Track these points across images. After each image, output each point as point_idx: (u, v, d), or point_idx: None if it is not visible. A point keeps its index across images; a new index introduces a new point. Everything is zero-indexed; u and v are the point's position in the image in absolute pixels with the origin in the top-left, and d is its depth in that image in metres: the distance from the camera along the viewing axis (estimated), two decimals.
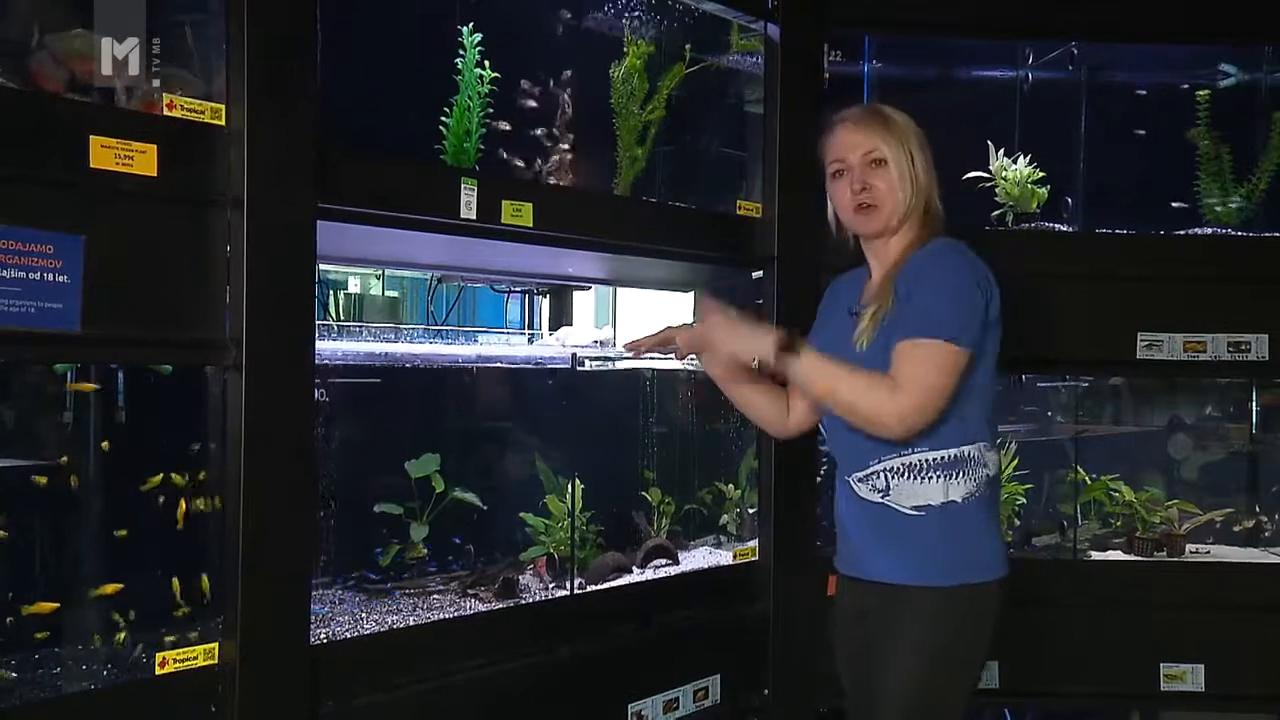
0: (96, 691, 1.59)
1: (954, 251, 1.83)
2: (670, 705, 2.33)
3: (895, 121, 1.88)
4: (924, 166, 1.88)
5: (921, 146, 1.88)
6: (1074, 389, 2.90)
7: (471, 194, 2.00)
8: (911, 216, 1.88)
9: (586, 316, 3.30)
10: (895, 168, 1.86)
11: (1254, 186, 2.65)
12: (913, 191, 1.86)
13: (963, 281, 1.77)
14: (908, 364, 1.72)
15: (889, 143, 1.86)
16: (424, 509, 2.19)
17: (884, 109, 1.92)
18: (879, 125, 1.88)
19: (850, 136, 1.90)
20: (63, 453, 1.72)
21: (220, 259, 1.67)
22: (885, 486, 1.83)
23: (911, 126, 1.89)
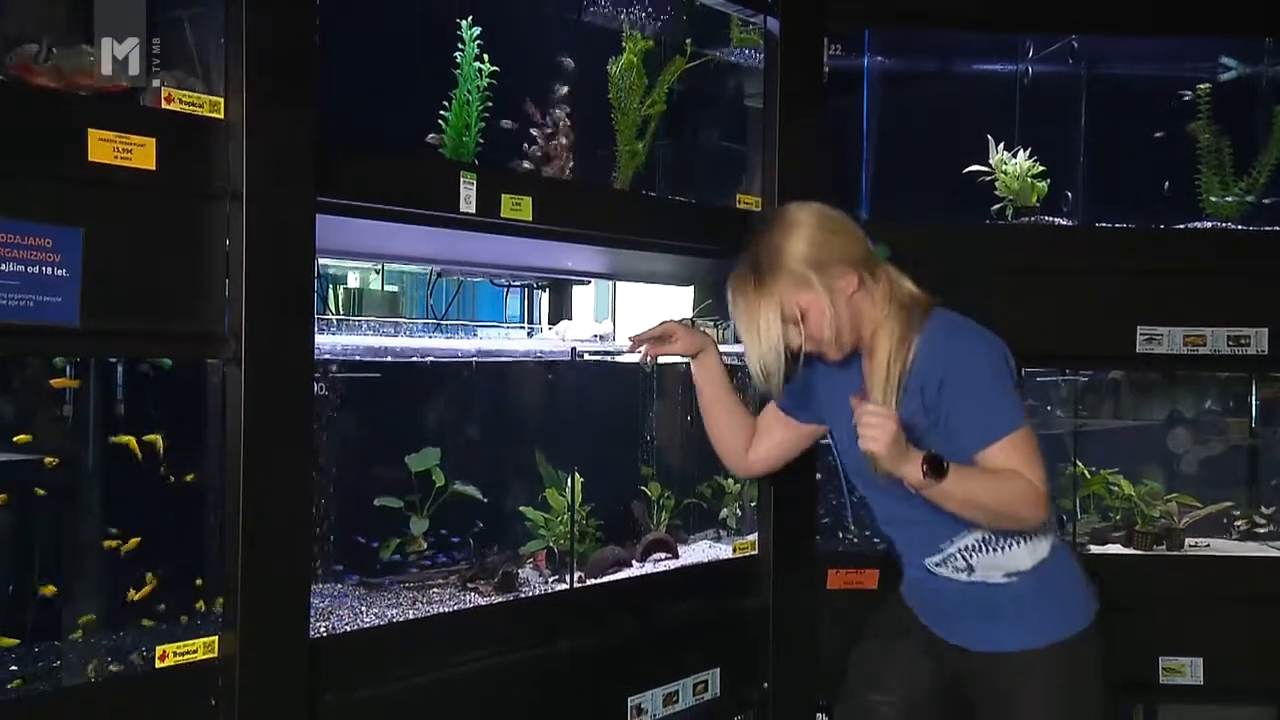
0: (96, 684, 1.59)
1: (963, 333, 1.81)
2: (670, 698, 2.33)
3: (777, 279, 1.77)
4: (827, 293, 1.76)
5: (816, 273, 1.76)
6: (1073, 383, 2.89)
7: (471, 188, 2.00)
8: (862, 320, 1.81)
9: (586, 311, 3.30)
10: (810, 320, 1.78)
11: (1254, 180, 2.65)
12: (840, 322, 1.79)
13: (990, 365, 1.77)
14: (1015, 460, 1.71)
15: (787, 303, 1.77)
16: (424, 503, 2.19)
17: (759, 261, 1.79)
18: (767, 295, 1.78)
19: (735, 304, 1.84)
20: (60, 447, 1.72)
21: (219, 252, 1.67)
22: (967, 565, 1.82)
23: (794, 264, 1.77)
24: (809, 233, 1.79)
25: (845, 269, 1.79)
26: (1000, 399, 1.74)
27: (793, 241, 1.79)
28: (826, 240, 1.80)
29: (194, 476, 1.72)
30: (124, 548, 1.68)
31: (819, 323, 1.79)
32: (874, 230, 2.64)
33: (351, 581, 2.10)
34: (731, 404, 2.13)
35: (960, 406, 1.74)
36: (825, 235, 1.80)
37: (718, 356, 2.14)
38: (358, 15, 2.01)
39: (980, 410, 1.74)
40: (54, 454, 1.68)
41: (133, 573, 1.70)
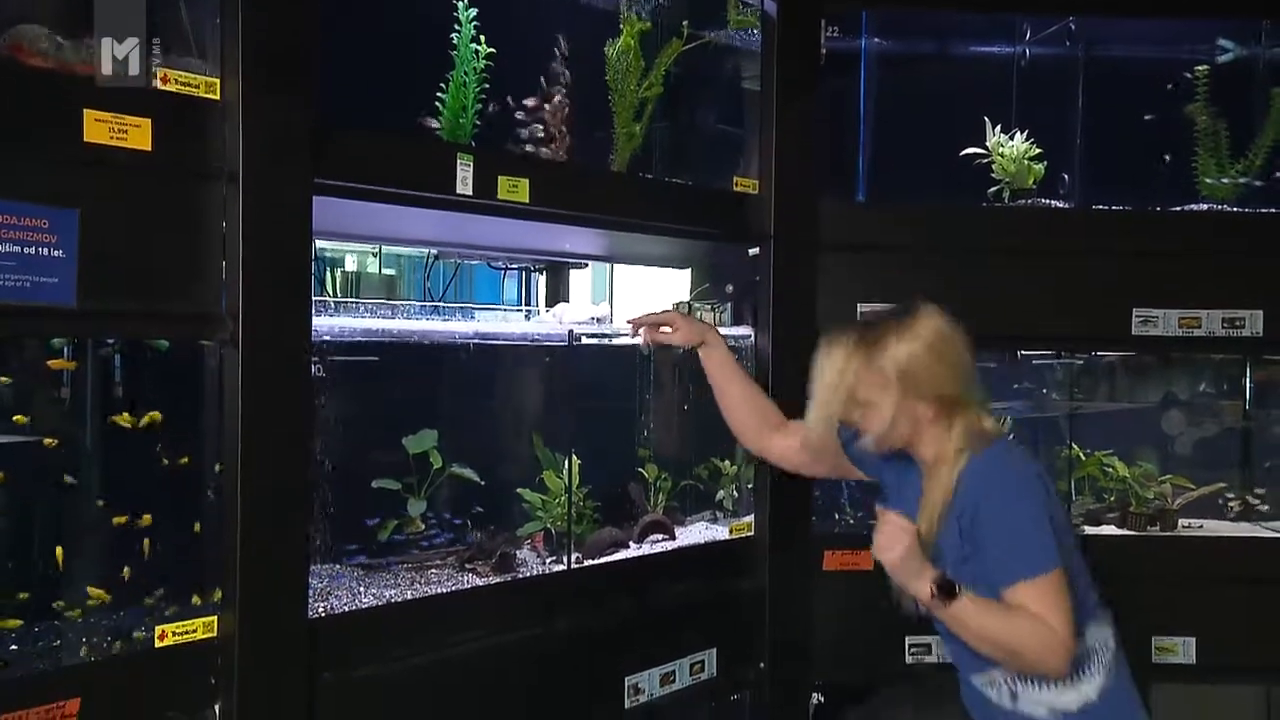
0: (96, 663, 1.60)
1: (1009, 469, 1.77)
2: (667, 678, 2.34)
3: (867, 365, 1.77)
4: (895, 408, 1.75)
5: (901, 387, 1.75)
6: (1069, 366, 2.90)
7: (467, 169, 2.00)
8: (917, 441, 1.81)
9: (583, 294, 3.30)
10: (879, 419, 1.77)
11: (1250, 162, 2.66)
12: (892, 434, 1.79)
13: (1027, 506, 1.73)
14: (1037, 604, 1.67)
15: (845, 380, 1.77)
16: (422, 484, 2.20)
17: (868, 339, 1.78)
18: (841, 357, 1.79)
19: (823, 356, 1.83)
20: (58, 428, 1.72)
21: (216, 233, 1.67)
22: (1012, 693, 1.79)
23: (889, 366, 1.75)
24: (918, 348, 1.77)
25: (931, 400, 1.78)
26: (1029, 539, 1.71)
27: (900, 345, 1.77)
28: (930, 365, 1.77)
29: (191, 457, 1.73)
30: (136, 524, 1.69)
31: (875, 423, 1.79)
32: (872, 212, 2.69)
33: (350, 562, 2.11)
34: (744, 387, 2.13)
35: (990, 542, 1.72)
36: (931, 359, 1.77)
37: (722, 343, 2.14)
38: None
39: (1008, 548, 1.71)
40: (52, 435, 1.68)
41: (132, 553, 1.71)
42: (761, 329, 2.54)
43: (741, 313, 2.64)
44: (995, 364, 2.95)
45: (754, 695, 2.54)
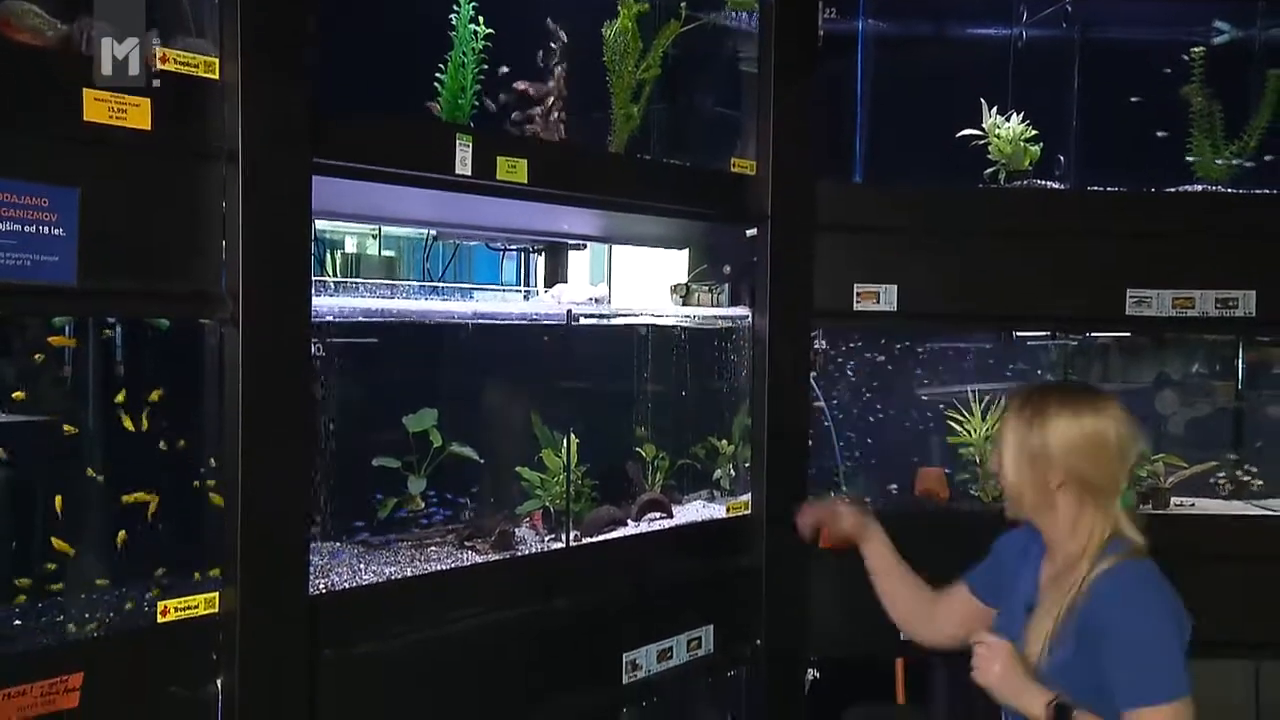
0: (99, 639, 1.62)
1: (1149, 589, 1.75)
2: (664, 655, 2.37)
3: (1024, 425, 1.81)
4: (1037, 483, 1.80)
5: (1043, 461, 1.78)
6: (1063, 347, 2.92)
7: (466, 150, 2.00)
8: (1050, 528, 1.83)
9: (582, 275, 3.31)
10: (1006, 465, 1.83)
11: (1245, 143, 2.66)
12: (1024, 503, 1.83)
13: (1167, 629, 1.71)
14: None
15: (1003, 437, 1.84)
16: (422, 463, 2.21)
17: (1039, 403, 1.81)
18: (1009, 415, 1.85)
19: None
20: (60, 406, 1.74)
21: (215, 213, 1.68)
22: None
23: (1044, 437, 1.78)
24: (1079, 436, 1.78)
25: (1063, 473, 1.79)
26: (1159, 664, 1.69)
27: (1065, 426, 1.79)
28: (1086, 456, 1.78)
29: (193, 435, 1.74)
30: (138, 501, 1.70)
31: (1010, 482, 1.85)
32: (869, 194, 2.70)
33: (350, 540, 2.13)
34: (901, 577, 2.16)
35: (1120, 658, 1.71)
36: (1090, 451, 1.78)
37: (881, 534, 2.19)
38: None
39: (1139, 668, 1.70)
40: (54, 414, 1.70)
41: (134, 530, 1.73)
42: (759, 310, 2.55)
43: (739, 294, 2.66)
44: (990, 344, 2.97)
45: (750, 671, 2.57)
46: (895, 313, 2.57)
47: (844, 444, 2.84)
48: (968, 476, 2.79)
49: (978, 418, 2.75)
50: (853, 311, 2.56)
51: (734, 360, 2.64)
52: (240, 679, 1.69)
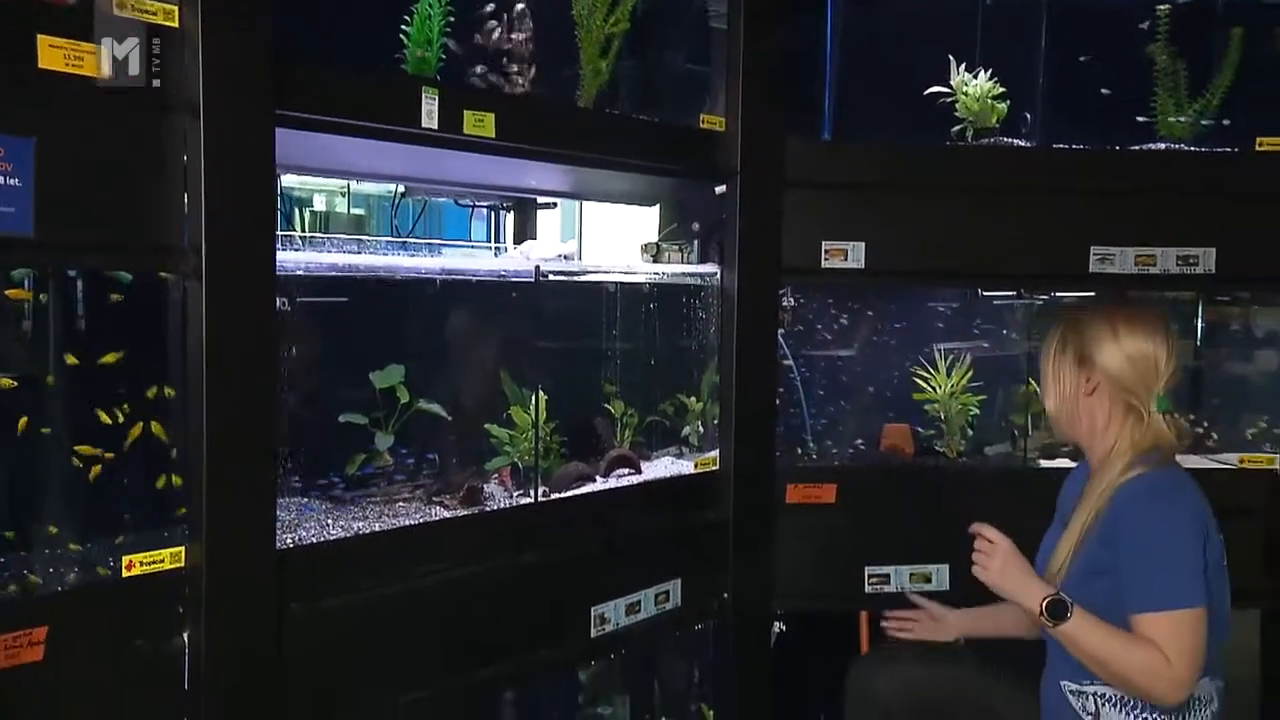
0: (63, 593, 1.61)
1: (1166, 499, 1.79)
2: (632, 608, 2.39)
3: (1067, 331, 1.93)
4: (1081, 385, 1.89)
5: (1071, 347, 1.90)
6: (1029, 306, 2.95)
7: (433, 103, 1.98)
8: (1090, 439, 1.91)
9: (552, 233, 3.31)
10: (1049, 384, 1.93)
11: (1208, 102, 2.69)
12: (1065, 412, 1.92)
13: (1180, 540, 1.74)
14: (1167, 638, 1.69)
15: (1048, 355, 1.94)
16: (389, 419, 2.21)
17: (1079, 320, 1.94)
18: (1055, 331, 1.95)
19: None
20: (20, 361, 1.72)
21: (177, 164, 1.65)
22: (1095, 711, 1.80)
23: (1082, 339, 1.89)
24: (1120, 358, 1.87)
25: (1100, 376, 1.88)
26: (1173, 570, 1.72)
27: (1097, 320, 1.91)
28: (1107, 341, 1.88)
29: (157, 389, 1.73)
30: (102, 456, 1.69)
31: (1058, 396, 1.93)
32: (838, 150, 2.70)
33: (317, 495, 2.13)
34: (1004, 621, 2.19)
35: (1134, 563, 1.74)
36: (1110, 336, 1.88)
37: (966, 620, 2.27)
38: None
39: (1147, 575, 1.72)
40: (12, 368, 1.68)
41: (98, 485, 1.72)
42: (728, 267, 2.55)
43: (708, 251, 2.66)
44: (957, 304, 3.00)
45: (718, 625, 2.60)
46: (863, 270, 2.58)
47: (812, 401, 2.87)
48: (932, 432, 2.83)
49: (943, 374, 2.78)
50: (821, 269, 2.57)
51: (703, 318, 2.65)
52: (207, 633, 1.68)
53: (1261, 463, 2.66)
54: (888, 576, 2.59)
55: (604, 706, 2.81)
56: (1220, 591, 1.79)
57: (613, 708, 2.81)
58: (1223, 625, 1.81)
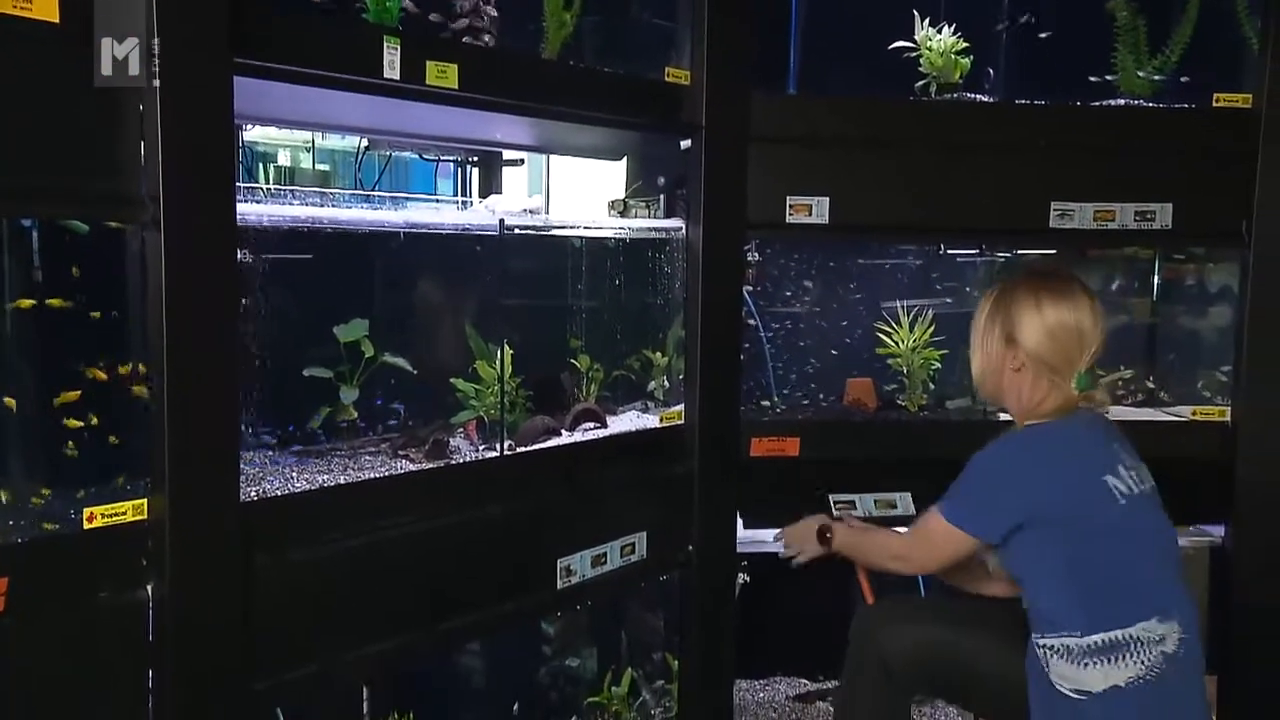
0: (23, 544, 1.60)
1: (1012, 442, 1.96)
2: (598, 560, 2.42)
3: (997, 304, 2.01)
4: (1007, 362, 1.98)
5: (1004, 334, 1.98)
6: (991, 264, 2.98)
7: (395, 53, 1.96)
8: (1024, 404, 1.99)
9: (519, 189, 3.29)
10: (978, 352, 2.05)
11: (1167, 58, 2.71)
12: (991, 382, 2.04)
13: (992, 471, 1.90)
14: (920, 531, 2.01)
15: (978, 325, 2.05)
16: (354, 373, 2.20)
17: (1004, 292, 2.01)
18: (986, 302, 2.05)
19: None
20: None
21: (132, 112, 1.63)
22: (1046, 662, 1.86)
23: (1009, 315, 1.97)
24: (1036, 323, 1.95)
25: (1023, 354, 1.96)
26: (964, 489, 1.93)
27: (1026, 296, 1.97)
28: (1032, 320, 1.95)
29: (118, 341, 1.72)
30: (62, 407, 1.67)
31: (978, 364, 2.06)
32: (803, 104, 2.70)
33: (282, 449, 2.12)
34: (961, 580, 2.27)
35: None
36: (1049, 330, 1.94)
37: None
38: None
39: (953, 488, 1.95)
40: None
41: (58, 437, 1.71)
42: (693, 221, 2.56)
43: (674, 205, 2.66)
44: (920, 261, 3.02)
45: (683, 576, 2.64)
46: (827, 225, 2.59)
47: (776, 356, 2.89)
48: (895, 387, 2.87)
49: (906, 330, 2.81)
50: (786, 223, 2.58)
51: (668, 273, 2.66)
52: (171, 585, 1.68)
53: (1213, 415, 2.72)
54: (853, 502, 2.64)
55: (571, 659, 2.84)
56: (1115, 528, 1.84)
57: (580, 660, 2.85)
58: (1138, 567, 1.84)
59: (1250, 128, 2.62)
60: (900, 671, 2.03)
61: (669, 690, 2.73)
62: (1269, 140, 2.61)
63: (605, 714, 2.71)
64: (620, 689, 2.69)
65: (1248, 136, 2.62)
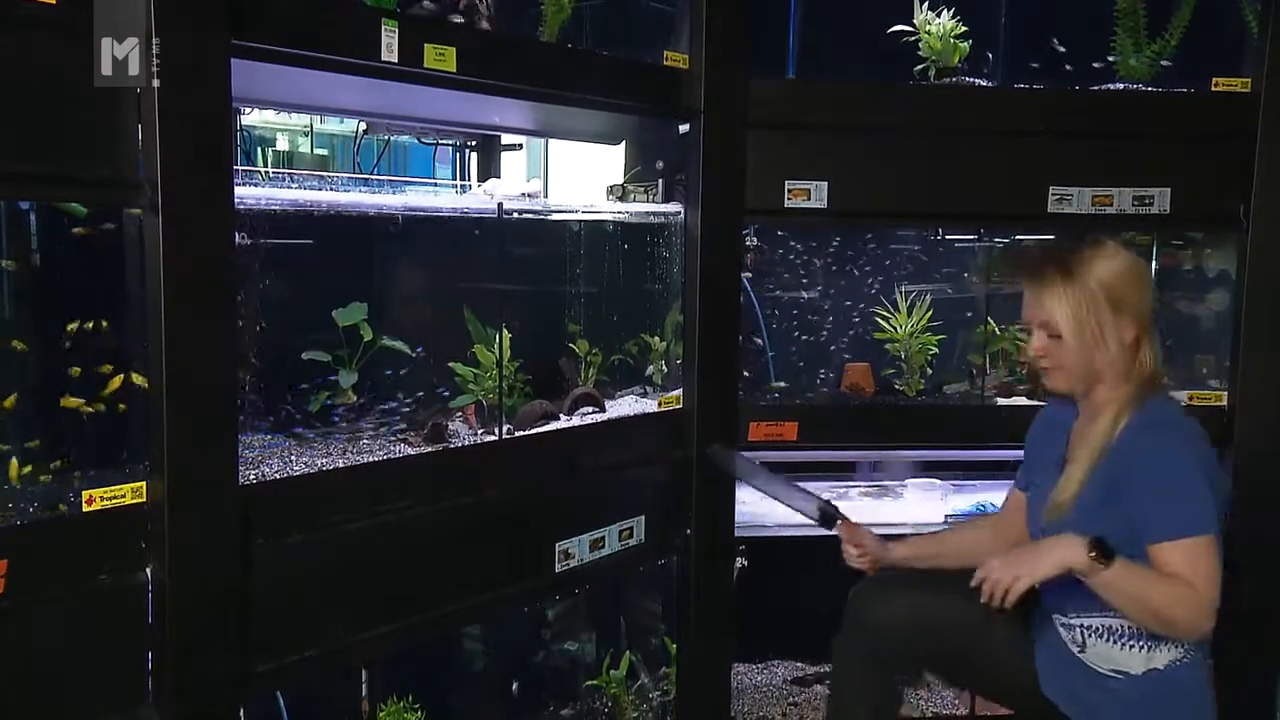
0: (23, 526, 1.61)
1: (1176, 430, 1.79)
2: (596, 544, 2.43)
3: (1070, 282, 1.81)
4: (1111, 328, 1.80)
5: (1109, 302, 1.80)
6: (989, 249, 2.99)
7: (393, 36, 1.96)
8: (1108, 373, 1.84)
9: (519, 173, 3.29)
10: (1070, 339, 1.82)
11: (1166, 42, 2.70)
12: (1095, 358, 1.82)
13: (1191, 465, 1.74)
14: (1184, 564, 1.69)
15: (1061, 311, 1.81)
16: (353, 357, 2.21)
17: (1066, 260, 1.83)
18: (1051, 289, 1.83)
19: (1027, 297, 1.88)
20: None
21: (130, 94, 1.63)
22: (1081, 643, 1.83)
23: (1094, 282, 1.80)
24: (1119, 267, 1.82)
25: (1133, 321, 1.82)
26: (1188, 498, 1.72)
27: (1104, 264, 1.82)
28: (1130, 282, 1.82)
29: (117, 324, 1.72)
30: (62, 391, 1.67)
31: (1068, 352, 1.83)
32: (802, 89, 2.69)
33: (281, 432, 2.12)
34: (943, 552, 2.17)
35: (1146, 500, 1.74)
36: (1131, 277, 1.82)
37: (907, 549, 2.18)
38: None
39: (1164, 504, 1.72)
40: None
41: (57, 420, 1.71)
42: (691, 206, 2.56)
43: (672, 190, 2.66)
44: (919, 246, 3.02)
45: (681, 560, 2.65)
46: (826, 210, 2.59)
47: (774, 340, 2.89)
48: (892, 371, 2.87)
49: (904, 315, 2.82)
50: (784, 208, 2.58)
51: (666, 257, 2.66)
52: (170, 568, 1.69)
53: (1210, 399, 2.73)
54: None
55: (570, 642, 2.86)
56: (1222, 513, 1.79)
57: (578, 643, 2.86)
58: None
59: (1249, 112, 2.61)
60: (897, 639, 1.99)
61: (667, 674, 2.74)
62: (1267, 125, 2.60)
63: (604, 697, 2.72)
64: (619, 672, 2.70)
65: (1246, 121, 2.61)
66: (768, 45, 2.73)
